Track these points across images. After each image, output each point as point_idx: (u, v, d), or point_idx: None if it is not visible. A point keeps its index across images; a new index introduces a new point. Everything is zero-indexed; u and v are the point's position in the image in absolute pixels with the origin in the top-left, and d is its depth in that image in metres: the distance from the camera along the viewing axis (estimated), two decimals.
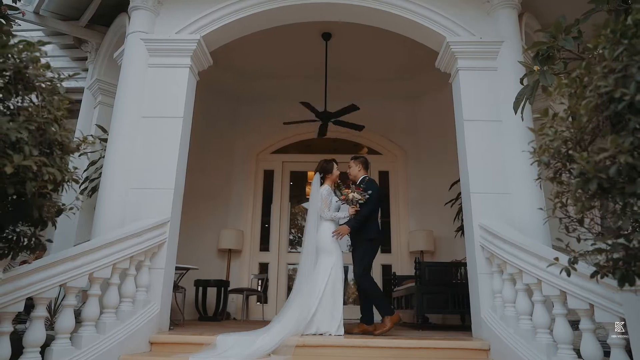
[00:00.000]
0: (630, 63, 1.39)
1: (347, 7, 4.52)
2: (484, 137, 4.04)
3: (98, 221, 3.70)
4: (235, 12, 4.43)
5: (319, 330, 3.75)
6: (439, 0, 4.43)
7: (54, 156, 1.75)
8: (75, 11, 5.01)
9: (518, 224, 3.68)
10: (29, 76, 1.57)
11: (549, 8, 4.77)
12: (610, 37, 1.50)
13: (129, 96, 4.09)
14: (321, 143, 7.86)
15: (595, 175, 1.37)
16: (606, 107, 1.44)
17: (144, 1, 4.36)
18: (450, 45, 4.27)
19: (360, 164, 4.46)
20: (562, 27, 3.13)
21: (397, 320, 3.92)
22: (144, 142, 3.98)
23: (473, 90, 4.18)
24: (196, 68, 4.46)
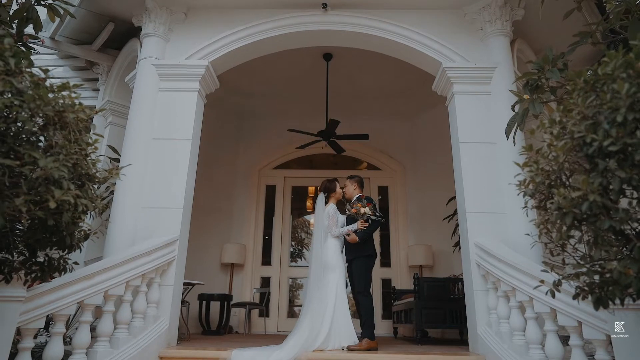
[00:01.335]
0: (599, 111, 1.58)
1: (348, 33, 4.76)
2: (479, 159, 4.23)
3: (111, 239, 3.86)
4: (241, 39, 4.66)
5: (341, 344, 3.92)
6: (435, 28, 4.67)
7: (85, 187, 1.93)
8: (89, 36, 5.24)
9: (512, 242, 3.85)
10: (67, 118, 1.76)
11: (539, 34, 5.02)
12: (583, 86, 1.70)
13: (140, 119, 4.30)
14: (321, 158, 8.06)
15: (571, 211, 1.56)
16: (580, 148, 1.63)
17: (155, 29, 4.59)
18: (446, 70, 4.49)
19: (355, 183, 4.65)
20: (549, 59, 3.36)
21: (374, 347, 4.02)
22: (155, 163, 4.17)
23: (468, 114, 4.39)
24: (204, 91, 4.68)
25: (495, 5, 4.51)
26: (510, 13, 4.58)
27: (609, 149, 1.47)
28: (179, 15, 4.74)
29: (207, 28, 4.72)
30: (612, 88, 1.52)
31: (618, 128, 1.47)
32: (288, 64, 6.67)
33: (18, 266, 2.14)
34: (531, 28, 4.88)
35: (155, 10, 4.60)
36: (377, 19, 4.66)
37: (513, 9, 4.56)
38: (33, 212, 1.61)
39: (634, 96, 1.46)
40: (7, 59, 1.76)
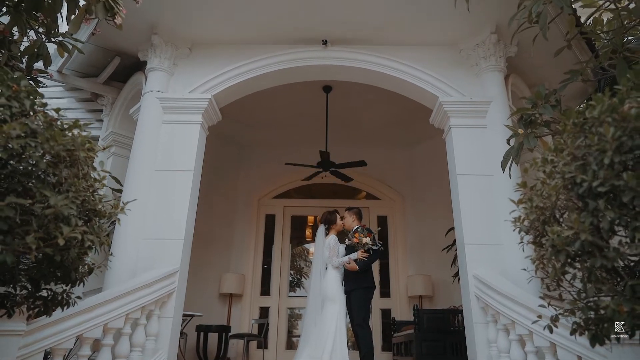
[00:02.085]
0: (588, 152, 1.66)
1: (347, 68, 4.92)
2: (476, 191, 4.30)
3: (111, 270, 3.86)
4: (243, 73, 4.81)
5: None
6: (432, 63, 4.83)
7: (92, 223, 1.98)
8: (95, 69, 5.40)
9: (510, 274, 3.86)
10: (77, 156, 1.83)
11: (532, 69, 5.18)
12: (572, 128, 1.78)
13: (143, 151, 4.38)
14: (321, 188, 8.12)
15: (564, 249, 1.61)
16: (571, 188, 1.70)
17: (160, 63, 4.74)
18: (442, 104, 4.62)
19: (354, 214, 4.72)
20: (542, 95, 3.48)
21: None
22: (157, 195, 4.23)
23: (465, 146, 4.49)
24: (206, 124, 4.79)
25: (489, 42, 4.68)
26: (503, 50, 4.75)
27: (598, 189, 1.53)
28: (183, 50, 4.90)
29: (211, 62, 4.87)
30: (599, 131, 1.60)
31: (606, 170, 1.54)
32: (288, 95, 6.81)
33: (20, 300, 2.16)
34: (524, 63, 5.04)
35: (161, 46, 4.76)
36: (375, 55, 4.83)
37: (506, 46, 4.73)
38: (42, 249, 1.66)
39: (620, 140, 1.53)
40: (23, 100, 1.84)
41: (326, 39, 4.81)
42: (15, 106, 1.76)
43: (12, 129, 1.54)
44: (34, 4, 3.20)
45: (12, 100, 1.74)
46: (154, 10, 4.43)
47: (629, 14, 3.59)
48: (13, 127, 1.54)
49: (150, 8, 4.27)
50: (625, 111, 1.65)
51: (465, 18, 4.31)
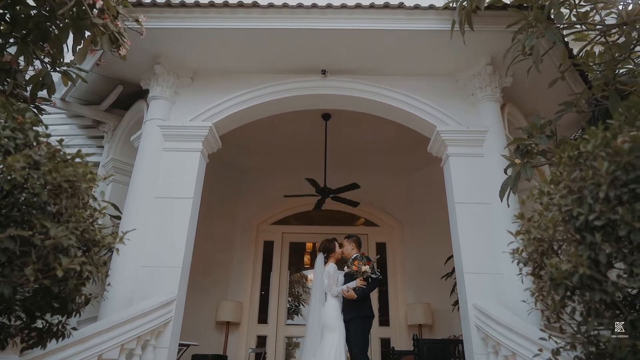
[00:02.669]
0: (583, 185, 1.68)
1: (346, 97, 5.00)
2: (474, 219, 4.31)
3: (108, 298, 3.82)
4: (244, 102, 4.89)
5: None
6: (429, 93, 4.93)
7: (91, 253, 1.98)
8: (97, 97, 5.47)
9: (511, 304, 3.83)
10: (79, 187, 1.85)
11: (528, 99, 5.28)
12: (567, 161, 1.81)
13: (144, 178, 4.40)
14: (320, 214, 8.10)
15: (563, 282, 1.61)
16: (568, 220, 1.71)
17: (162, 92, 4.82)
18: (440, 133, 4.68)
19: (353, 242, 4.71)
20: (538, 125, 3.54)
21: None
22: (156, 222, 4.22)
23: (463, 175, 4.52)
24: (207, 151, 4.83)
25: (485, 73, 4.78)
26: (499, 80, 4.85)
27: (594, 223, 1.55)
28: (185, 79, 4.99)
29: (212, 91, 4.95)
30: (593, 165, 1.63)
31: (601, 203, 1.56)
32: (288, 122, 6.89)
33: (14, 332, 2.13)
34: (520, 93, 5.13)
35: (163, 75, 4.85)
36: (373, 85, 4.92)
37: (502, 76, 4.83)
38: (40, 280, 1.65)
39: (614, 174, 1.56)
40: (27, 132, 1.87)
41: (325, 69, 4.91)
42: (20, 138, 1.79)
43: (16, 161, 1.56)
44: (41, 35, 3.29)
45: (17, 132, 1.77)
46: (158, 41, 4.53)
47: (619, 48, 3.69)
48: (17, 160, 1.56)
49: (153, 39, 4.37)
50: (618, 145, 1.69)
51: (461, 50, 4.43)
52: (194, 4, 4.40)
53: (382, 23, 4.45)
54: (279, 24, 4.43)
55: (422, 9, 4.40)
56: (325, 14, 4.43)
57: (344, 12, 4.42)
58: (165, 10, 4.39)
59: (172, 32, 4.50)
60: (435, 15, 4.41)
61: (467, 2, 4.06)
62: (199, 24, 4.44)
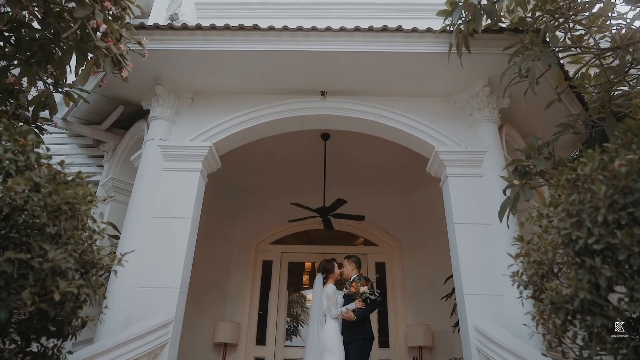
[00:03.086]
0: (582, 209, 1.69)
1: (345, 118, 5.05)
2: (474, 240, 4.30)
3: (105, 321, 3.77)
4: (243, 122, 4.93)
5: None
6: (427, 114, 4.97)
7: (89, 275, 1.96)
8: (98, 117, 5.52)
9: (511, 326, 3.79)
10: (78, 210, 1.85)
11: (525, 120, 5.33)
12: (565, 184, 1.82)
13: (143, 198, 4.40)
14: (318, 234, 8.07)
15: (563, 306, 1.60)
16: (568, 243, 1.71)
17: (163, 112, 4.86)
18: (439, 154, 4.71)
19: (353, 263, 4.69)
20: (535, 147, 3.56)
21: None
22: (154, 242, 4.20)
23: (461, 195, 4.53)
24: (206, 171, 4.84)
25: (482, 94, 4.84)
26: (496, 101, 4.90)
27: (593, 246, 1.55)
28: (186, 99, 5.04)
29: (212, 111, 5.00)
30: (591, 189, 1.63)
31: (600, 227, 1.56)
32: (287, 142, 6.93)
33: (9, 356, 2.10)
34: (517, 114, 5.18)
35: (164, 96, 4.90)
36: (373, 105, 4.98)
37: (499, 98, 4.88)
38: (37, 304, 1.64)
39: (612, 197, 1.57)
40: (29, 154, 1.88)
41: (324, 90, 4.97)
42: (21, 160, 1.80)
43: (17, 184, 1.57)
44: (45, 57, 3.34)
45: (19, 155, 1.78)
46: (159, 62, 4.59)
47: (614, 71, 3.75)
48: (18, 183, 1.57)
49: (155, 60, 4.42)
50: (615, 169, 1.70)
51: (459, 71, 4.50)
52: (195, 27, 4.48)
53: (380, 45, 4.52)
54: (279, 46, 4.51)
55: (420, 32, 4.49)
56: (324, 36, 4.50)
57: (342, 35, 4.50)
58: (167, 32, 4.46)
59: (174, 53, 4.56)
60: (432, 38, 4.49)
61: (464, 25, 4.14)
62: (200, 46, 4.52)
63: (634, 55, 3.64)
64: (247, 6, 5.87)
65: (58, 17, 3.11)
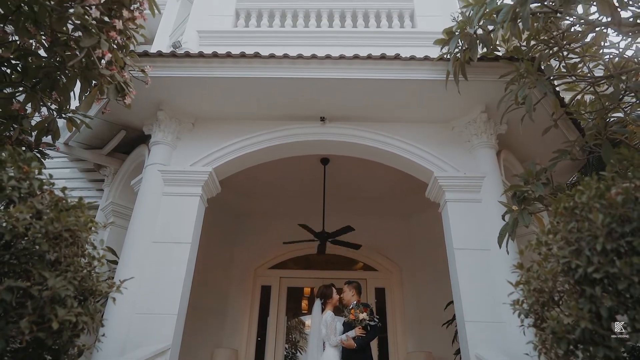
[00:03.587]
0: (580, 237, 1.70)
1: (345, 144, 5.10)
2: (474, 265, 4.27)
3: (101, 348, 3.71)
4: (244, 148, 4.97)
5: None
6: (426, 139, 5.03)
7: (87, 303, 1.95)
8: (100, 141, 5.56)
9: (514, 354, 3.73)
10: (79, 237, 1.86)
11: (523, 145, 5.38)
12: (563, 212, 1.84)
13: (142, 223, 4.40)
14: (318, 258, 8.02)
15: (565, 336, 1.59)
16: (567, 271, 1.71)
17: (164, 137, 4.91)
18: (437, 179, 4.74)
19: (353, 289, 4.65)
20: (533, 173, 3.60)
21: None
22: (152, 267, 4.18)
23: (461, 220, 4.53)
24: (206, 196, 4.85)
25: (480, 120, 4.91)
26: (494, 127, 4.96)
27: (593, 275, 1.55)
28: (187, 125, 5.10)
29: (213, 137, 5.05)
30: (589, 217, 1.65)
31: (599, 255, 1.57)
32: (286, 166, 6.96)
33: None
34: (515, 140, 5.23)
35: (166, 121, 4.96)
36: (372, 131, 5.03)
37: (496, 124, 4.95)
38: (35, 333, 1.62)
39: (609, 226, 1.58)
40: (32, 181, 1.90)
41: (324, 116, 5.04)
42: (24, 187, 1.82)
43: (20, 211, 1.58)
44: (50, 84, 3.39)
45: (22, 182, 1.80)
46: (161, 88, 4.67)
47: (608, 98, 3.82)
48: (21, 210, 1.58)
49: (157, 87, 4.50)
50: (612, 197, 1.72)
51: (456, 98, 4.57)
52: (198, 54, 4.57)
53: (379, 73, 4.61)
54: (280, 73, 4.59)
55: (418, 60, 4.58)
56: (324, 64, 4.60)
57: (342, 62, 4.59)
58: (170, 60, 4.55)
59: (176, 80, 4.64)
60: (430, 66, 4.58)
61: (461, 54, 4.23)
62: (202, 73, 4.60)
63: (628, 83, 3.72)
64: (248, 34, 6.00)
65: (64, 46, 3.18)
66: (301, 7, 6.17)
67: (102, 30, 3.06)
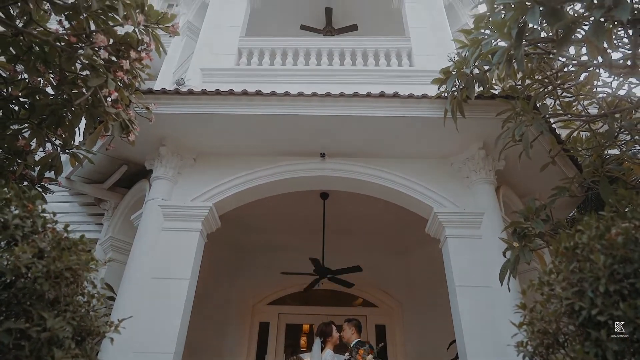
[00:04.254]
0: (583, 277, 1.69)
1: (345, 179, 5.14)
2: (476, 303, 4.22)
3: None
4: (244, 183, 5.01)
5: None
6: (425, 175, 5.07)
7: (85, 343, 1.92)
8: (101, 176, 5.60)
9: None
10: (80, 276, 1.85)
11: (522, 181, 5.43)
12: (564, 252, 1.84)
13: (141, 258, 4.37)
14: (317, 294, 7.92)
15: None
16: (571, 313, 1.70)
17: (165, 172, 4.95)
18: (437, 215, 4.75)
19: (353, 327, 4.57)
20: (533, 209, 3.61)
21: None
22: (150, 304, 4.11)
23: (461, 257, 4.51)
24: (206, 231, 4.84)
25: (478, 157, 4.97)
26: (492, 164, 5.02)
27: (597, 318, 1.54)
28: (188, 160, 5.15)
29: (214, 172, 5.09)
30: (590, 258, 1.65)
31: (602, 298, 1.56)
32: (286, 201, 6.97)
33: None
34: (514, 175, 5.29)
35: (168, 156, 5.01)
36: (371, 167, 5.09)
37: (494, 160, 5.01)
38: None
39: (611, 267, 1.58)
40: (35, 219, 1.91)
41: (324, 152, 5.10)
42: (28, 225, 1.82)
43: (23, 251, 1.58)
44: (55, 120, 3.46)
45: (26, 220, 1.81)
46: (164, 124, 4.75)
47: (603, 136, 3.89)
48: (24, 250, 1.59)
49: (160, 123, 4.57)
50: (612, 237, 1.73)
51: (455, 135, 4.65)
52: (201, 92, 4.68)
53: (378, 110, 4.71)
54: (281, 110, 4.69)
55: (416, 97, 4.69)
56: (324, 101, 4.70)
57: (342, 100, 4.70)
58: (174, 97, 4.66)
59: (179, 116, 4.73)
60: (428, 104, 4.68)
61: (458, 92, 4.34)
62: (205, 109, 4.69)
63: (622, 122, 3.80)
64: (250, 72, 6.15)
65: (72, 84, 3.26)
66: (302, 46, 6.36)
67: (110, 70, 3.14)
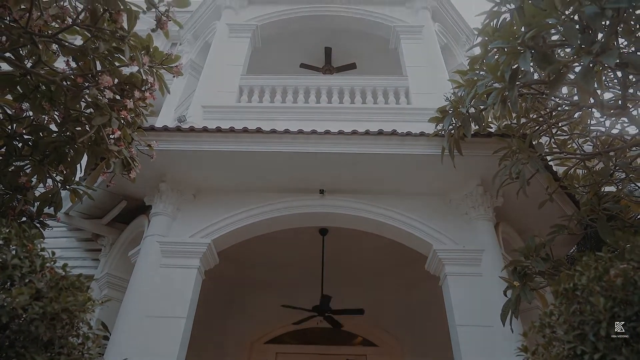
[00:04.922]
0: (584, 320, 1.68)
1: (343, 216, 5.15)
2: (478, 343, 4.13)
3: None
4: (243, 219, 5.00)
5: None
6: (424, 212, 5.08)
7: None
8: (100, 211, 5.60)
9: None
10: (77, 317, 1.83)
11: (520, 217, 5.43)
12: (564, 294, 1.84)
13: (137, 296, 4.30)
14: (316, 333, 7.74)
15: None
16: (574, 357, 1.67)
17: (165, 208, 4.95)
18: (437, 252, 4.73)
19: None
20: (533, 247, 3.60)
21: None
22: (145, 344, 4.01)
23: (462, 295, 4.45)
24: (204, 268, 4.80)
25: (476, 193, 5.00)
26: (490, 200, 5.04)
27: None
28: (188, 196, 5.17)
29: (213, 208, 5.09)
30: (590, 300, 1.65)
31: (604, 341, 1.55)
32: (285, 237, 6.92)
33: None
34: (512, 212, 5.30)
35: (167, 192, 5.03)
36: (370, 204, 5.10)
37: (492, 196, 5.03)
38: None
39: (612, 310, 1.58)
40: (34, 258, 1.91)
41: (323, 188, 5.14)
42: (26, 265, 1.82)
43: (21, 293, 1.58)
44: (58, 157, 3.50)
45: (25, 260, 1.81)
46: (165, 161, 4.78)
47: (599, 174, 3.94)
48: (21, 292, 1.58)
49: (161, 159, 4.60)
50: (611, 279, 1.73)
51: (452, 172, 4.69)
52: (202, 129, 4.76)
53: (377, 148, 4.77)
54: (281, 148, 4.75)
55: (414, 135, 4.77)
56: (323, 139, 4.78)
57: (341, 137, 4.77)
58: (175, 134, 4.73)
59: (180, 153, 4.79)
60: (426, 142, 4.76)
61: (455, 130, 4.42)
62: (206, 146, 4.76)
63: (616, 161, 3.85)
64: (250, 109, 6.25)
65: (75, 122, 3.32)
66: (301, 85, 6.51)
67: (113, 109, 3.21)
